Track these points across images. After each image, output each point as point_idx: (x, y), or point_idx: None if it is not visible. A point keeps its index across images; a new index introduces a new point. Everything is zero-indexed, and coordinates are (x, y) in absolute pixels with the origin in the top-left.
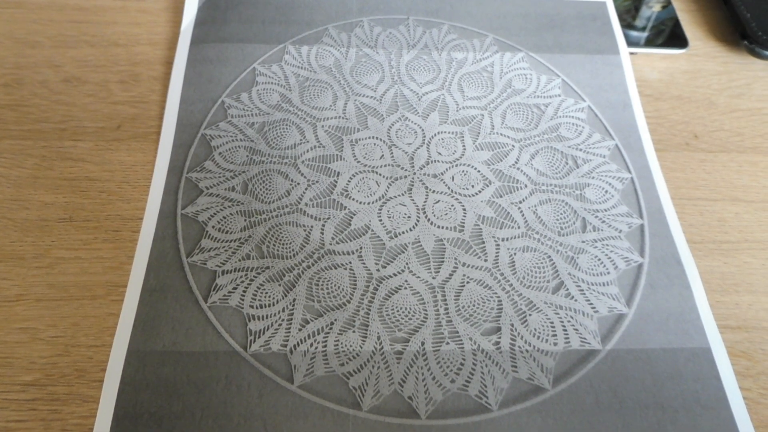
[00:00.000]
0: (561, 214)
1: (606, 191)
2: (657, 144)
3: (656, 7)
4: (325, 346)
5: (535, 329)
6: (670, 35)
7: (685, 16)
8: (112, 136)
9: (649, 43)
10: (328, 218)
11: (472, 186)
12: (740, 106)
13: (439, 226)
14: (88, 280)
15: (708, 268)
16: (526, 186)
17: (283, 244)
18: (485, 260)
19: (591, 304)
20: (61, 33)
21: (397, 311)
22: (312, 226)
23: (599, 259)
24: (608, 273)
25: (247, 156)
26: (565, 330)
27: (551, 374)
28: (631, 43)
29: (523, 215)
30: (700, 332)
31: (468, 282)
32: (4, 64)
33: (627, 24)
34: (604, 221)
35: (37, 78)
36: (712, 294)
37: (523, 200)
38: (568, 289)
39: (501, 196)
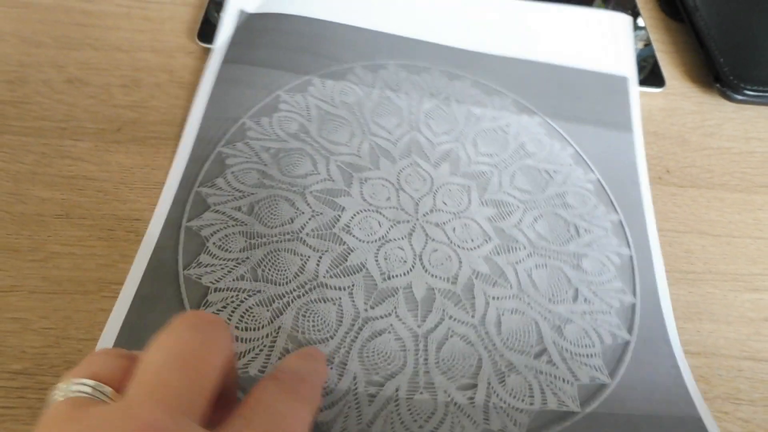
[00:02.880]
0: (555, 280)
1: (603, 264)
2: None
3: (639, 45)
4: None
5: (513, 389)
6: (650, 74)
7: (664, 57)
8: (112, 138)
9: None
10: (326, 251)
11: (472, 240)
12: (711, 144)
13: (433, 275)
14: (81, 276)
15: (674, 296)
16: (525, 248)
17: (278, 271)
18: (472, 316)
19: (573, 372)
20: (66, 35)
21: (378, 354)
22: (309, 257)
23: (586, 332)
24: (593, 346)
25: (258, 179)
26: (543, 393)
27: (524, 429)
28: None
29: (517, 276)
30: (689, 403)
31: (452, 336)
32: (8, 61)
33: None
34: (596, 294)
35: (40, 77)
36: (677, 320)
37: (520, 261)
38: (550, 356)
39: (499, 254)
